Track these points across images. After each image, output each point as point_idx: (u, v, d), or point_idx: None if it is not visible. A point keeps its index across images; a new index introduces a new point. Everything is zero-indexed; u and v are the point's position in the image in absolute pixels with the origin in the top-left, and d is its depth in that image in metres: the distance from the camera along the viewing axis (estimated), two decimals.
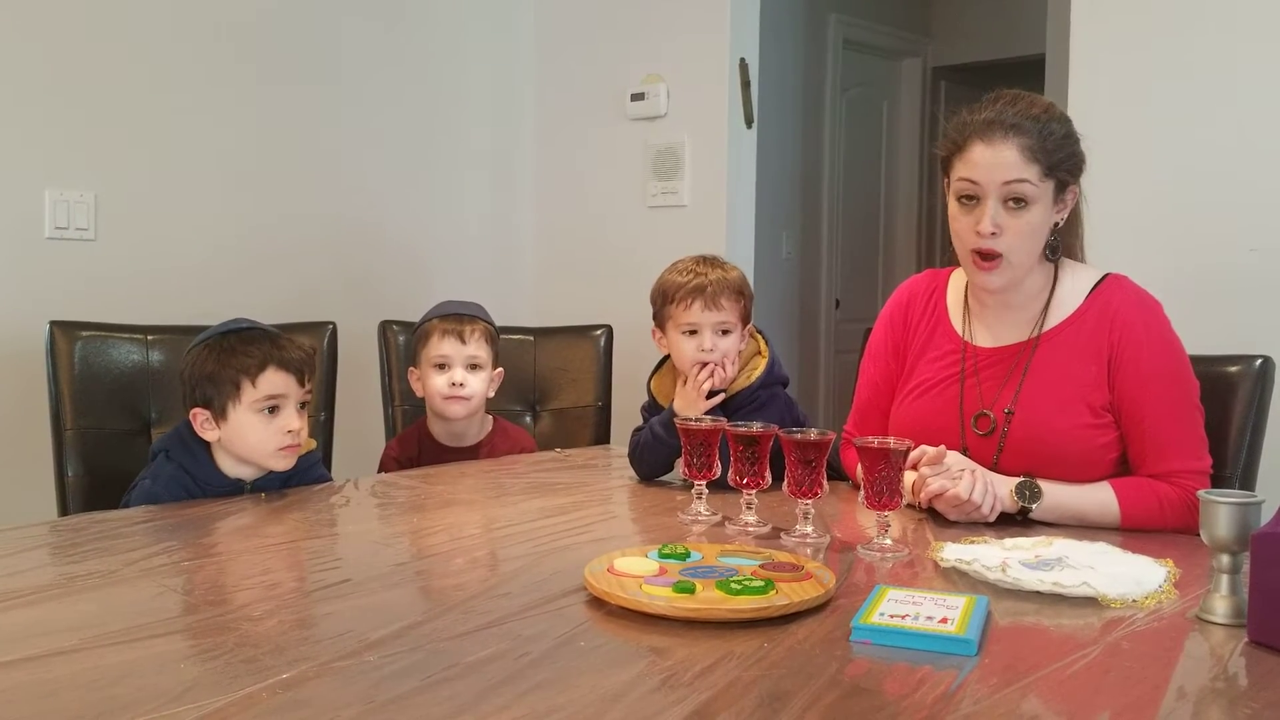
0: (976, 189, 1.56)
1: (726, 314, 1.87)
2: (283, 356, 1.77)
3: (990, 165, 1.54)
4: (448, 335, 2.24)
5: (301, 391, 1.79)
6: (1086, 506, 1.54)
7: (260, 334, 1.82)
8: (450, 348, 2.24)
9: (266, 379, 1.75)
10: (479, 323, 2.27)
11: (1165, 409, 1.56)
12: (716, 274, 1.90)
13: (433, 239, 3.50)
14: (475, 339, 2.25)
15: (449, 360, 2.23)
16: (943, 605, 1.10)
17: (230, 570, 1.33)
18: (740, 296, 1.90)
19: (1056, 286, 1.66)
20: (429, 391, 2.25)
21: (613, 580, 1.17)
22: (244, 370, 1.75)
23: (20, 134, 2.64)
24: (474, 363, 2.24)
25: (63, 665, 0.96)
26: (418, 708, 0.87)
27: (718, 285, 1.89)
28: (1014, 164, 1.53)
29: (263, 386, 1.75)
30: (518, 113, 3.76)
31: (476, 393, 2.24)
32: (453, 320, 2.26)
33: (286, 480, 1.82)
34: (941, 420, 1.66)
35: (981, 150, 1.55)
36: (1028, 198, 1.55)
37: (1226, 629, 1.09)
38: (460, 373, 2.22)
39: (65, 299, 2.59)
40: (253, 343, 1.78)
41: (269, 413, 1.75)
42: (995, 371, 1.65)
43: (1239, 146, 2.33)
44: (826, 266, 5.04)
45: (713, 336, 1.88)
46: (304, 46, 3.17)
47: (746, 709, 0.88)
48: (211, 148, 2.97)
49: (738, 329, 1.89)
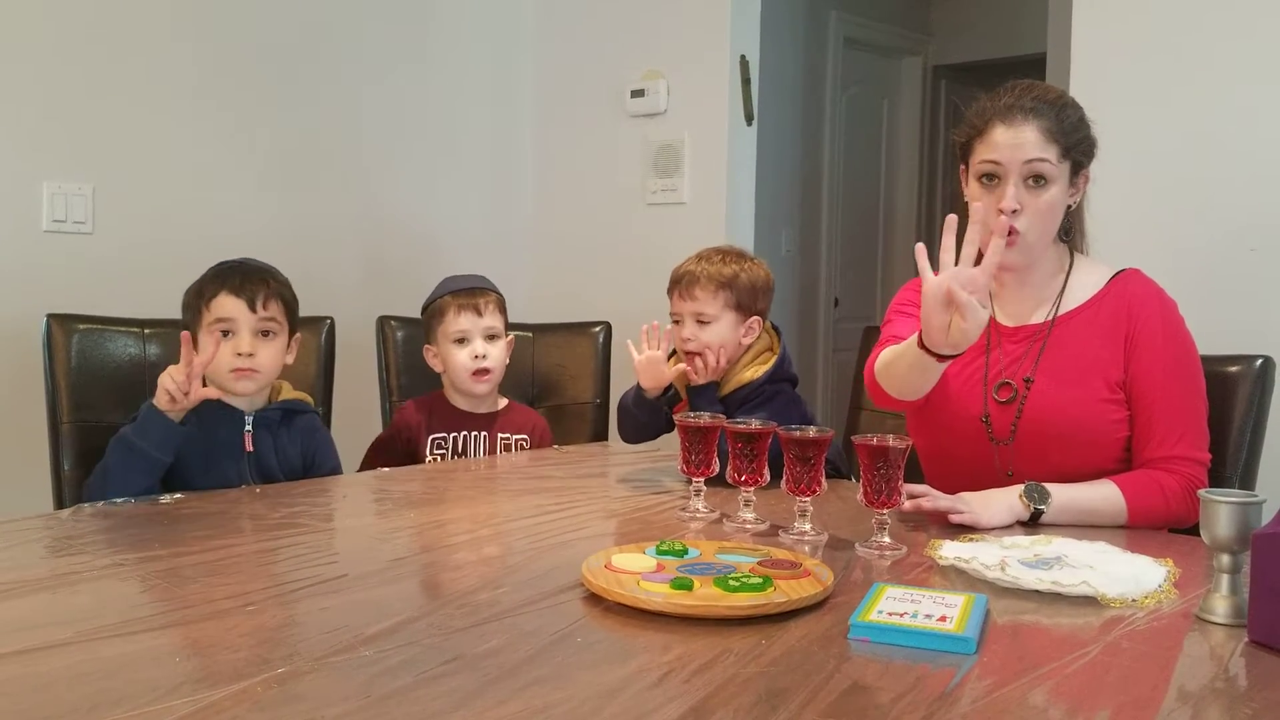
0: (998, 169, 1.62)
1: (701, 304, 1.93)
2: (236, 283, 1.88)
3: (1012, 145, 1.60)
4: (464, 310, 2.26)
5: (254, 318, 1.86)
6: (1095, 503, 1.55)
7: (235, 264, 1.93)
8: (468, 321, 2.25)
9: (217, 303, 1.87)
10: (490, 293, 2.30)
11: (1174, 395, 1.60)
12: (704, 266, 1.95)
13: (432, 235, 3.50)
14: (490, 310, 2.27)
15: (468, 334, 2.25)
16: (941, 603, 1.09)
17: (226, 564, 1.32)
18: (722, 289, 1.92)
19: (1072, 275, 1.71)
20: (452, 366, 2.26)
21: (610, 576, 1.17)
22: (200, 295, 1.89)
23: (18, 126, 2.63)
24: (492, 333, 2.27)
25: (58, 658, 0.96)
26: (414, 702, 0.87)
27: (695, 276, 1.95)
28: (1034, 143, 1.59)
29: (214, 310, 1.87)
30: (518, 109, 3.76)
31: (498, 362, 2.27)
32: (465, 294, 2.28)
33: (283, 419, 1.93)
34: (967, 387, 1.69)
35: (1003, 131, 1.61)
36: (1047, 176, 1.61)
37: (1227, 629, 1.08)
38: (481, 344, 2.25)
39: (62, 292, 2.58)
40: (222, 273, 1.91)
41: (223, 336, 1.85)
42: (1016, 348, 1.68)
43: (1240, 146, 2.33)
44: (826, 264, 5.04)
45: (692, 326, 1.94)
46: (302, 42, 3.16)
47: (744, 706, 0.87)
48: (209, 141, 2.97)
49: (721, 320, 1.92)
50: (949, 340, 1.43)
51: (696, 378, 1.94)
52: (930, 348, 1.46)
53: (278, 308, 1.93)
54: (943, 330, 1.42)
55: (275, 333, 1.91)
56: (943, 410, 1.66)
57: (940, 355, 1.46)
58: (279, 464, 1.91)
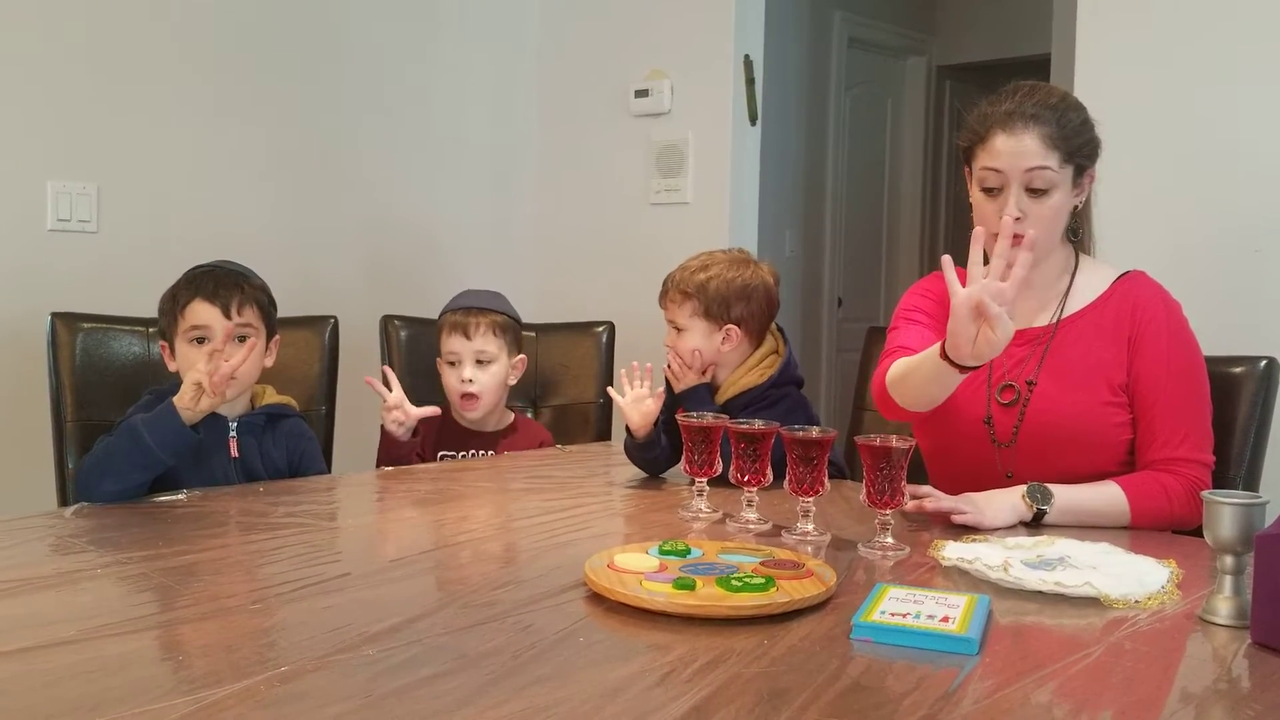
0: (1000, 178, 1.61)
1: (671, 313, 1.95)
2: (209, 289, 1.85)
3: (1012, 154, 1.59)
4: (455, 331, 2.25)
5: (229, 324, 1.82)
6: (1098, 504, 1.55)
7: (208, 270, 1.90)
8: (457, 344, 2.24)
9: (191, 310, 1.84)
10: (487, 315, 2.25)
11: (1177, 397, 1.60)
12: (678, 274, 1.95)
13: (435, 234, 3.50)
14: (481, 333, 2.23)
15: (457, 356, 2.24)
16: (944, 604, 1.09)
17: (229, 562, 1.32)
18: (688, 299, 1.91)
19: (1077, 276, 1.70)
20: (444, 387, 2.26)
21: (613, 576, 1.17)
22: (175, 301, 1.86)
23: (23, 125, 2.64)
24: (481, 358, 2.23)
25: (62, 656, 0.96)
26: (416, 701, 0.87)
27: (667, 285, 1.95)
28: (1035, 152, 1.59)
29: (189, 317, 1.84)
30: (521, 109, 3.76)
31: (486, 388, 2.23)
32: (461, 313, 2.26)
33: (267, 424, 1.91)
34: (970, 389, 1.68)
35: (1004, 140, 1.60)
36: (1049, 183, 1.60)
37: (1230, 630, 1.08)
38: (469, 369, 2.22)
39: (67, 291, 2.59)
40: (196, 279, 1.88)
41: (198, 343, 1.82)
42: (1020, 350, 1.67)
43: (1244, 147, 2.32)
44: (829, 265, 5.04)
45: (672, 333, 1.94)
46: (307, 41, 3.17)
47: (746, 706, 0.87)
48: (214, 140, 2.97)
49: (692, 329, 1.91)
50: (974, 352, 1.42)
51: (675, 383, 1.93)
52: (955, 359, 1.45)
53: (253, 313, 1.89)
54: (970, 342, 1.41)
55: (251, 338, 1.86)
56: (945, 412, 1.65)
57: (963, 366, 1.46)
58: (265, 468, 1.89)
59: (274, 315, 1.97)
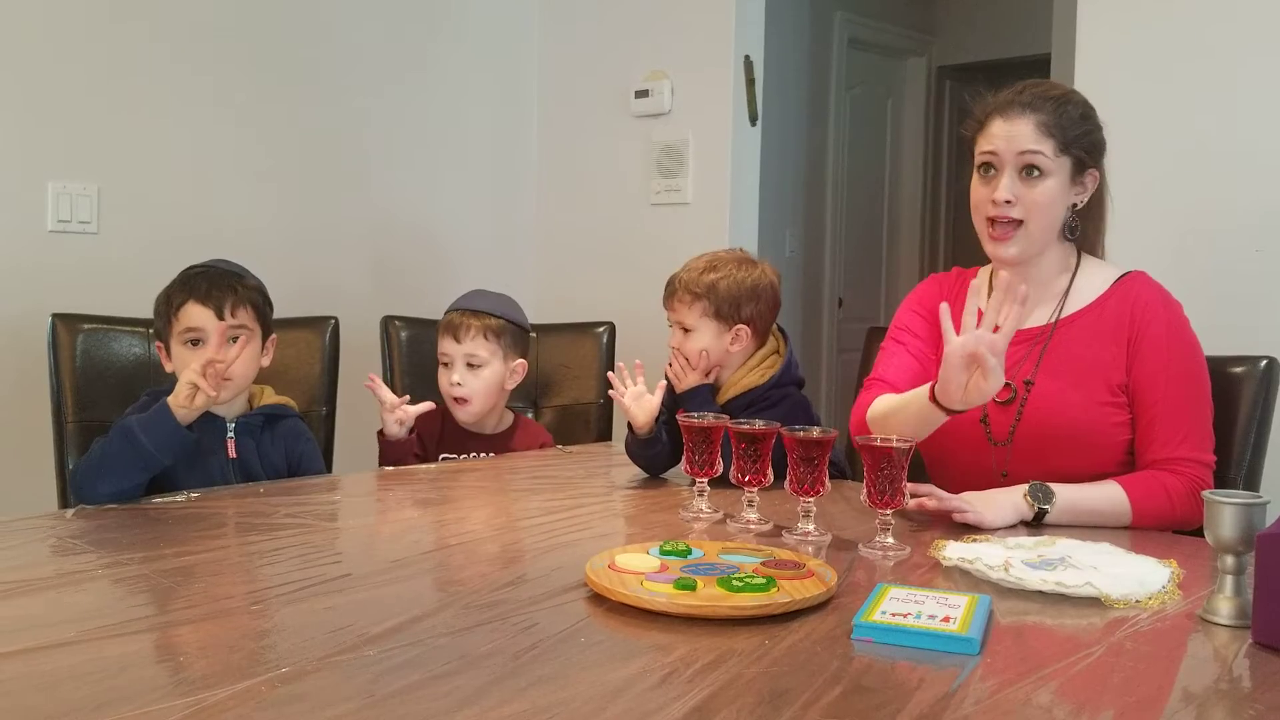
0: (994, 159, 1.65)
1: (680, 314, 1.93)
2: (203, 290, 1.84)
3: (1007, 137, 1.63)
4: (447, 333, 2.24)
5: (222, 325, 1.82)
6: (1099, 503, 1.55)
7: (202, 270, 1.89)
8: (449, 346, 2.23)
9: (185, 312, 1.84)
10: (480, 319, 2.23)
11: (1177, 397, 1.60)
12: (686, 275, 1.94)
13: (436, 235, 3.50)
14: (471, 337, 2.21)
15: (449, 358, 2.23)
16: (945, 604, 1.09)
17: (230, 563, 1.32)
18: (698, 300, 1.90)
19: (1077, 277, 1.71)
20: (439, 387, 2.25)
21: (614, 576, 1.17)
22: (169, 303, 1.86)
23: (23, 126, 2.64)
24: (472, 361, 2.21)
25: (61, 657, 0.96)
26: (417, 702, 0.87)
27: (674, 285, 1.95)
28: (1029, 136, 1.62)
29: (183, 319, 1.84)
30: (522, 109, 3.76)
31: (475, 392, 2.21)
32: (457, 315, 2.25)
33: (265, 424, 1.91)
34: None
35: (1000, 124, 1.65)
36: (1042, 168, 1.63)
37: (1231, 630, 1.08)
38: (459, 372, 2.21)
39: (67, 292, 2.59)
40: (189, 280, 1.87)
41: (192, 345, 1.83)
42: (1018, 350, 1.67)
43: (1245, 147, 2.32)
44: (830, 265, 5.04)
45: (678, 334, 1.93)
46: (308, 42, 3.17)
47: (747, 706, 0.87)
48: (214, 141, 2.97)
49: (702, 330, 1.90)
50: (965, 398, 1.46)
51: (677, 383, 1.92)
52: (944, 404, 1.48)
53: (247, 313, 1.88)
54: (961, 389, 1.45)
55: (246, 339, 1.85)
56: None
57: (952, 410, 1.49)
58: (263, 469, 1.89)
59: (269, 315, 1.96)
